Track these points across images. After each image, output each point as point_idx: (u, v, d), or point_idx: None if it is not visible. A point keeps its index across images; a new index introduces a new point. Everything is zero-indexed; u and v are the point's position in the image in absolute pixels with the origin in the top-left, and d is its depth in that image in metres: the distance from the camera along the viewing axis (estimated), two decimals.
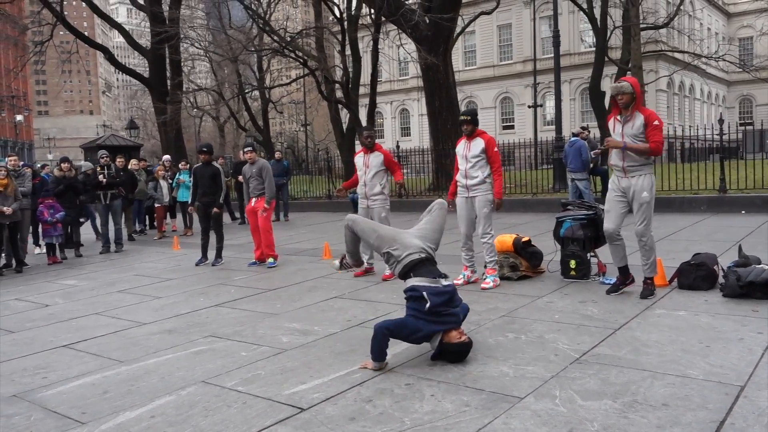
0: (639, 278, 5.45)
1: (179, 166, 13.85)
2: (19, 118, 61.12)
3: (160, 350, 4.70)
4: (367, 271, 7.24)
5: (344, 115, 23.06)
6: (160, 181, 13.45)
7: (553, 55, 16.52)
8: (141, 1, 23.34)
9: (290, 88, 37.28)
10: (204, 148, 9.06)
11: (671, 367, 3.62)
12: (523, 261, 6.52)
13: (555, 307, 5.20)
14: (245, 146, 9.10)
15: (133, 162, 13.89)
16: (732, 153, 19.68)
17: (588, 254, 6.22)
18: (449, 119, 17.34)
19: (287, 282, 7.19)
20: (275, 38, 20.28)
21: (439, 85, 17.53)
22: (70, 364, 4.49)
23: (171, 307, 6.26)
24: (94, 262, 10.16)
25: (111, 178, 11.03)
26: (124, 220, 12.23)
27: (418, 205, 15.37)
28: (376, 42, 20.11)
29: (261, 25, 20.62)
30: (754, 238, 7.90)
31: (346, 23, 20.47)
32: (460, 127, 6.38)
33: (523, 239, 6.69)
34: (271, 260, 8.40)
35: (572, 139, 12.07)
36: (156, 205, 13.48)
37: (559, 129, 15.81)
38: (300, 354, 4.35)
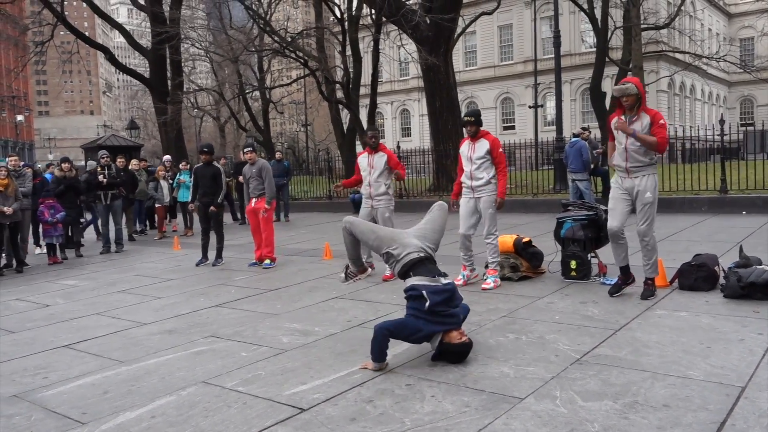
0: (640, 278, 5.45)
1: (180, 166, 13.85)
2: (19, 118, 61.17)
3: (160, 350, 4.70)
4: (370, 267, 7.19)
5: (345, 116, 23.08)
6: (160, 182, 13.45)
7: (553, 55, 16.52)
8: (142, 2, 23.35)
9: (291, 89, 37.30)
10: (205, 149, 9.07)
11: (672, 368, 3.62)
12: (523, 261, 6.51)
13: (555, 308, 5.19)
14: (245, 147, 9.10)
15: (133, 162, 13.90)
16: (733, 153, 19.67)
17: (588, 255, 6.22)
18: (450, 120, 17.34)
19: (288, 282, 7.19)
20: (276, 38, 20.29)
21: (439, 86, 17.53)
22: (71, 365, 4.49)
23: (171, 307, 6.26)
24: (95, 262, 10.17)
25: (111, 179, 11.03)
26: (124, 221, 12.23)
27: (419, 205, 15.36)
28: (376, 42, 20.11)
29: (261, 26, 20.63)
30: (755, 239, 7.90)
31: (346, 24, 20.49)
32: (464, 128, 6.37)
33: (524, 240, 6.69)
34: (267, 261, 8.37)
35: (573, 139, 12.07)
36: (156, 205, 13.48)
37: (559, 129, 15.81)
38: (300, 354, 4.35)
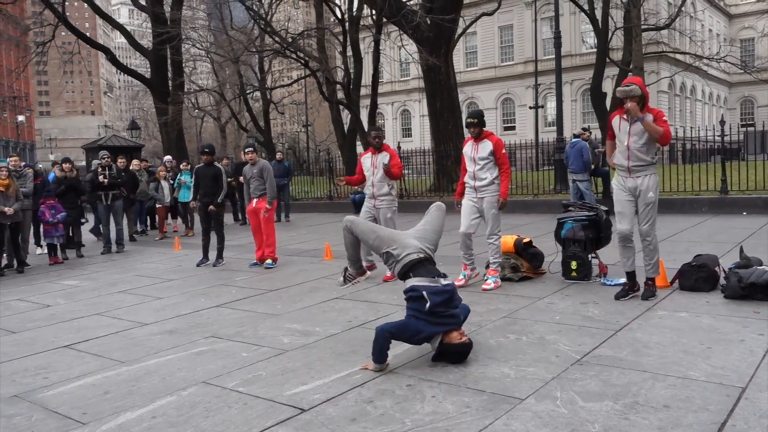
0: (639, 279, 5.44)
1: (180, 167, 13.85)
2: (20, 118, 61.17)
3: (161, 351, 4.70)
4: (369, 269, 7.15)
5: (345, 116, 23.07)
6: (161, 182, 13.46)
7: (554, 56, 16.52)
8: (143, 2, 23.36)
9: (291, 89, 37.29)
10: (206, 149, 9.08)
11: (672, 369, 3.62)
12: (524, 262, 6.51)
13: (556, 309, 5.19)
14: (246, 147, 9.11)
15: (134, 162, 13.90)
16: (733, 154, 19.66)
17: (589, 255, 6.22)
18: (450, 120, 17.35)
19: (288, 283, 7.19)
20: (276, 39, 20.28)
21: (440, 86, 17.53)
22: (71, 365, 4.49)
23: (172, 307, 6.26)
24: (96, 262, 10.17)
25: (112, 179, 11.05)
26: (125, 221, 12.24)
27: (420, 205, 15.35)
28: (377, 43, 20.11)
29: (262, 26, 20.63)
30: (755, 240, 7.90)
31: (347, 24, 20.48)
32: (467, 129, 6.37)
33: (525, 240, 6.69)
34: (269, 261, 8.40)
35: (573, 140, 12.07)
36: (157, 205, 13.49)
37: (560, 130, 15.82)
38: (301, 355, 4.35)
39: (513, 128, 44.04)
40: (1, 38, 28.26)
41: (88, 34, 28.04)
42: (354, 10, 20.68)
